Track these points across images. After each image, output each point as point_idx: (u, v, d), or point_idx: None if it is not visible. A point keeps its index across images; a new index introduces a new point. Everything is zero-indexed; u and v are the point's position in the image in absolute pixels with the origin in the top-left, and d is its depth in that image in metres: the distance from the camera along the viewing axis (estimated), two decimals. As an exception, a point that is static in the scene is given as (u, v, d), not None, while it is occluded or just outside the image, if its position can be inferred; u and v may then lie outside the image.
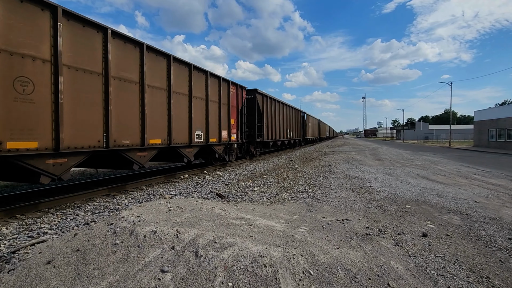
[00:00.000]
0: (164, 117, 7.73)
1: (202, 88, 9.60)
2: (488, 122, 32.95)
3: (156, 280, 2.38)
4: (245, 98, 13.28)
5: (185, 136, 8.66)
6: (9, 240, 3.94)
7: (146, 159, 7.09)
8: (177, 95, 8.25)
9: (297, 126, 25.22)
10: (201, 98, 9.48)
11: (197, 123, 9.15)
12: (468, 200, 6.17)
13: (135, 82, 6.72)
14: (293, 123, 23.12)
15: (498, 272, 2.99)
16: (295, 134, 24.02)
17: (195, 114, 9.07)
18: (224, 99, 11.14)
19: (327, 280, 2.48)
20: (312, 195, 6.55)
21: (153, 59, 7.33)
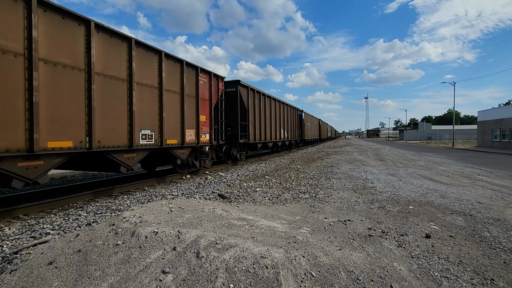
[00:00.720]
0: (82, 109, 5.53)
1: (154, 73, 7.36)
2: (492, 122, 32.71)
3: (157, 281, 2.37)
4: (223, 91, 11.06)
5: (122, 136, 6.41)
6: (11, 240, 3.95)
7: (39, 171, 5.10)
8: (108, 80, 6.05)
9: (294, 126, 22.95)
10: (152, 87, 7.25)
11: (143, 118, 6.95)
12: (471, 201, 6.11)
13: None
14: (288, 123, 20.76)
15: (502, 274, 2.96)
16: (291, 134, 21.76)
17: (140, 106, 6.85)
18: (190, 89, 8.83)
19: (329, 282, 2.46)
20: (314, 196, 6.52)
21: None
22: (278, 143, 19.09)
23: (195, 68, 9.17)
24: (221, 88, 10.94)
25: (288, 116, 20.82)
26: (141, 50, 6.96)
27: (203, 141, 9.63)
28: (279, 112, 18.30)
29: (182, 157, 8.65)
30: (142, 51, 7.01)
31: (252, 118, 13.70)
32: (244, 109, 12.92)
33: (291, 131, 22.03)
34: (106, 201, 6.28)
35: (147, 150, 7.19)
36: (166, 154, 8.34)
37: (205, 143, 9.81)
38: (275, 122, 17.44)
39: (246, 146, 14.20)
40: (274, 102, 17.35)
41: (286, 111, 20.19)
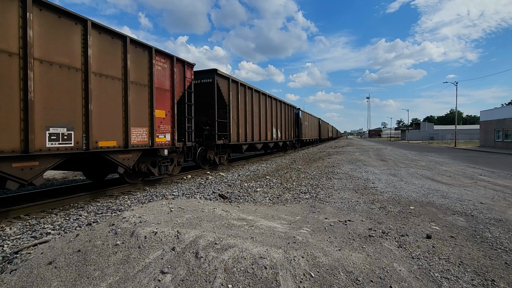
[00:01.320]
0: None
1: (74, 49, 5.42)
2: (495, 122, 32.54)
3: (156, 281, 2.37)
4: (192, 81, 9.00)
5: (10, 138, 4.51)
6: (12, 240, 3.97)
7: None
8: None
9: (289, 125, 20.79)
10: (71, 68, 5.34)
11: (52, 112, 5.06)
12: (473, 201, 6.08)
13: None
14: (282, 121, 18.70)
15: (503, 275, 2.93)
16: (285, 134, 19.70)
17: (47, 94, 4.98)
18: (139, 75, 6.89)
19: (328, 282, 2.45)
20: (315, 196, 6.51)
21: None
22: (270, 144, 16.89)
23: (147, 48, 7.14)
24: (190, 77, 8.82)
25: (282, 114, 18.83)
26: (47, 14, 5.05)
27: (161, 142, 7.65)
28: (270, 109, 16.29)
29: (126, 163, 6.59)
30: (51, 15, 5.10)
31: (235, 115, 11.76)
32: (224, 105, 11.12)
33: (286, 130, 20.01)
34: (107, 201, 6.30)
35: (60, 156, 5.24)
36: (101, 161, 6.35)
37: (164, 145, 7.78)
38: (265, 121, 15.38)
39: (228, 148, 12.17)
40: (264, 97, 15.24)
41: (279, 108, 18.26)
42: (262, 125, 15.06)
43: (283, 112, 19.22)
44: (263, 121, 15.12)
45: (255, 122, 13.98)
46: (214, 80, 10.54)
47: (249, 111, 13.27)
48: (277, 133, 17.74)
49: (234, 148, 12.78)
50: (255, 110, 14.03)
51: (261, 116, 14.83)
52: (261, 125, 14.88)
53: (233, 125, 11.68)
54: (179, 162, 8.94)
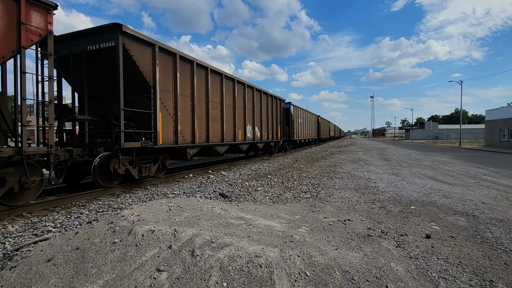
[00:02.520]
0: None
1: None
2: (500, 122, 32.17)
3: (152, 279, 2.39)
4: (48, 34, 5.43)
5: None
6: (14, 238, 4.02)
7: None
8: None
9: (275, 122, 17.01)
10: None
11: None
12: (475, 201, 6.02)
13: None
14: (263, 117, 14.89)
15: (502, 275, 2.91)
16: (269, 133, 15.98)
17: None
18: None
19: (323, 281, 2.45)
20: (315, 195, 6.50)
21: None
22: (242, 146, 12.72)
23: None
24: (39, 25, 5.25)
25: (263, 108, 14.91)
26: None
27: None
28: (243, 100, 12.46)
29: None
30: None
31: (169, 103, 8.01)
32: (146, 86, 7.31)
33: (270, 129, 16.25)
34: (108, 199, 6.35)
35: None
36: None
37: None
38: (233, 115, 11.65)
39: (160, 154, 8.30)
40: (231, 83, 11.44)
41: (259, 100, 14.25)
42: (228, 121, 11.25)
43: (266, 105, 15.34)
44: (228, 115, 11.27)
45: (214, 116, 10.28)
46: (118, 43, 6.40)
47: (201, 99, 9.52)
48: (254, 132, 13.76)
49: (174, 153, 8.99)
50: (214, 100, 10.30)
51: (225, 108, 10.90)
52: (226, 120, 10.97)
53: (166, 118, 7.88)
54: (37, 184, 5.44)
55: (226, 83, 11.27)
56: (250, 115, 13.51)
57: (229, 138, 11.59)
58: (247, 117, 13.16)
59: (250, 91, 13.62)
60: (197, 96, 9.36)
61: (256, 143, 14.47)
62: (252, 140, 13.78)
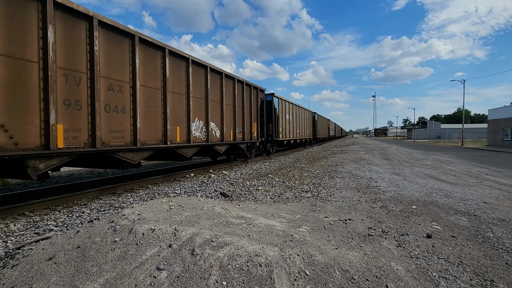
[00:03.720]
0: None
1: None
2: (503, 121, 31.99)
3: (152, 277, 2.40)
4: None
5: None
6: (16, 236, 4.05)
7: None
8: None
9: (249, 117, 13.13)
10: None
11: None
12: (477, 201, 6.00)
13: None
14: (228, 110, 11.26)
15: (503, 275, 2.90)
16: (239, 132, 12.14)
17: None
18: None
19: (323, 281, 2.45)
20: (316, 195, 6.49)
21: None
22: (184, 152, 8.65)
23: None
24: None
25: (228, 97, 11.30)
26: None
27: None
28: (184, 82, 8.64)
29: None
30: None
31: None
32: None
33: (240, 126, 12.30)
34: (109, 198, 6.37)
35: None
36: None
37: None
38: (162, 102, 7.70)
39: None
40: (158, 55, 7.60)
41: (218, 85, 10.65)
42: (154, 111, 7.40)
43: (231, 93, 11.55)
44: (152, 104, 7.33)
45: (125, 101, 6.53)
46: None
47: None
48: (208, 130, 9.82)
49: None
50: (124, 77, 6.48)
51: (141, 91, 6.94)
52: (140, 110, 6.88)
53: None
54: None
55: (144, 53, 7.02)
56: (200, 106, 9.39)
57: (155, 139, 7.44)
58: (194, 108, 8.97)
59: (201, 71, 9.36)
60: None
61: (213, 145, 10.12)
62: (204, 142, 9.53)
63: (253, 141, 13.77)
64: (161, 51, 7.66)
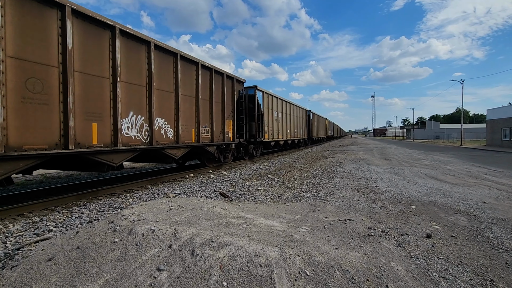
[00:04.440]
0: None
1: None
2: (502, 121, 32.07)
3: (152, 278, 2.39)
4: None
5: None
6: (15, 237, 4.04)
7: None
8: None
9: (223, 114, 10.93)
10: None
11: None
12: (476, 200, 6.01)
13: None
14: (190, 103, 9.02)
15: (503, 275, 2.90)
16: (206, 131, 9.82)
17: None
18: None
19: (323, 281, 2.45)
20: (316, 195, 6.50)
21: None
22: (107, 158, 6.22)
23: None
24: None
25: (190, 87, 9.05)
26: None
27: None
28: (112, 61, 6.27)
29: None
30: None
31: None
32: None
33: (208, 124, 10.04)
34: (109, 199, 6.36)
35: None
36: None
37: None
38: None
39: None
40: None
41: (176, 73, 8.34)
42: (43, 99, 4.98)
43: (195, 83, 9.19)
44: (41, 87, 4.93)
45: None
46: None
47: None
48: (161, 128, 7.75)
49: None
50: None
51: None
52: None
53: None
54: None
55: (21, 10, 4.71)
56: (138, 95, 6.96)
57: (42, 142, 5.00)
58: (127, 98, 6.60)
59: (140, 49, 6.98)
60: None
61: (161, 149, 7.71)
62: (144, 144, 7.07)
63: (228, 143, 11.41)
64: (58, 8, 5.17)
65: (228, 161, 12.04)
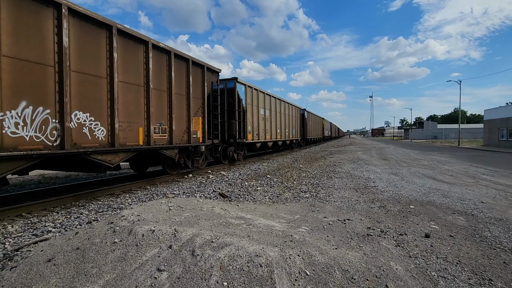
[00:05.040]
0: None
1: None
2: (499, 121, 32.25)
3: (152, 278, 2.40)
4: None
5: None
6: (13, 238, 4.02)
7: None
8: None
9: (182, 108, 8.61)
10: None
11: None
12: (474, 200, 6.04)
13: None
14: (135, 93, 6.86)
15: (501, 274, 2.92)
16: (160, 130, 7.61)
17: None
18: None
19: (323, 281, 2.46)
20: (315, 195, 6.51)
21: None
22: None
23: None
24: None
25: (133, 74, 6.89)
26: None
27: None
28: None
29: None
30: None
31: None
32: None
33: (163, 122, 7.87)
34: (108, 199, 6.34)
35: None
36: None
37: None
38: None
39: None
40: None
41: (118, 52, 6.41)
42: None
43: (146, 68, 7.23)
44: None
45: None
46: None
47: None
48: (84, 127, 5.73)
49: None
50: None
51: None
52: None
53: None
54: None
55: None
56: (39, 80, 5.03)
57: None
58: (19, 83, 4.73)
59: (46, 16, 5.08)
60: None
61: (85, 155, 5.76)
62: (54, 149, 5.16)
63: (196, 145, 9.25)
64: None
65: (199, 167, 10.19)
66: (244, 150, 13.70)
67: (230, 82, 12.20)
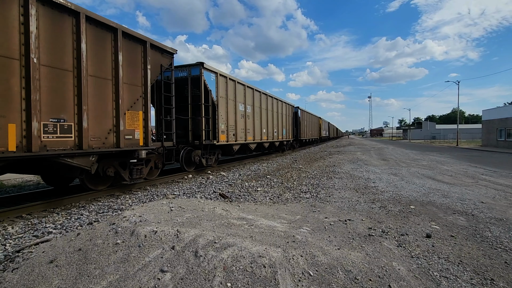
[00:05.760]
0: None
1: None
2: (497, 121, 32.38)
3: (156, 279, 2.39)
4: None
5: None
6: (14, 239, 4.00)
7: None
8: None
9: (106, 98, 6.05)
10: None
11: None
12: (474, 200, 6.07)
13: None
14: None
15: (503, 274, 2.93)
16: (58, 128, 5.06)
17: None
18: None
19: (326, 281, 2.46)
20: (315, 196, 6.52)
21: None
22: None
23: None
24: None
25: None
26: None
27: None
28: None
29: None
30: None
31: None
32: None
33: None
34: (108, 200, 6.33)
35: None
36: None
37: None
38: None
39: None
40: None
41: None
42: None
43: (14, 27, 4.43)
44: None
45: None
46: None
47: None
48: None
49: None
50: None
51: None
52: None
53: None
54: None
55: None
56: None
57: None
58: None
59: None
60: None
61: None
62: None
63: (132, 149, 6.77)
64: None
65: (145, 177, 7.73)
66: (217, 154, 11.37)
67: (194, 69, 9.62)
